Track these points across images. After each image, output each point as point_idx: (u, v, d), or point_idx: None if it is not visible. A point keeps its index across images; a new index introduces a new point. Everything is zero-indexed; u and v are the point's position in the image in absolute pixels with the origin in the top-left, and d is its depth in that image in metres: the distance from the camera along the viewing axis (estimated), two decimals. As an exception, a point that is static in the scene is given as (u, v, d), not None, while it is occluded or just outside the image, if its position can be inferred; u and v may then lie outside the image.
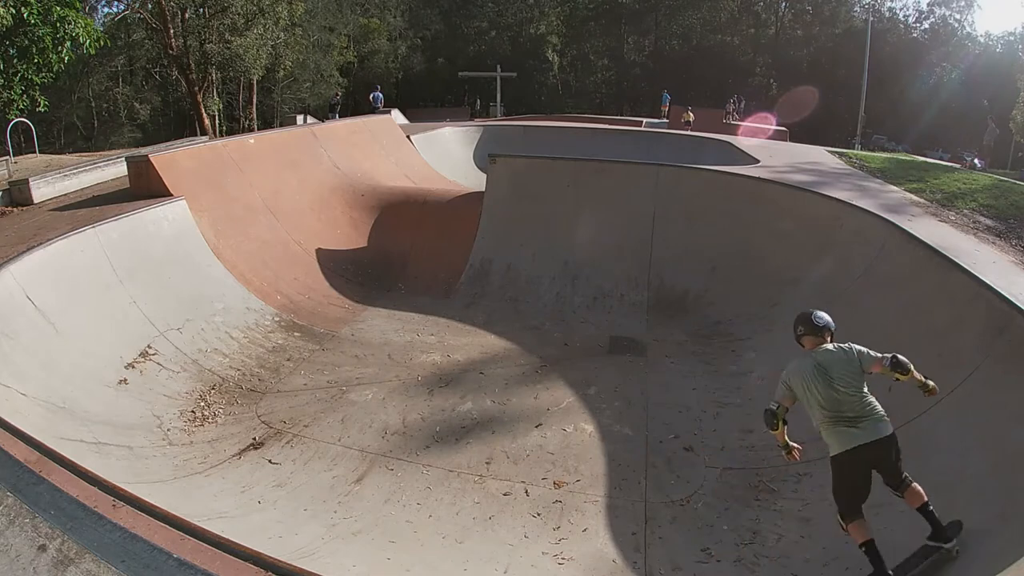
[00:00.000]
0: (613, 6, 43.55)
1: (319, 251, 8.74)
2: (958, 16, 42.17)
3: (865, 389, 3.30)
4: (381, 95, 21.87)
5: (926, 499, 3.19)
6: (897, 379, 3.31)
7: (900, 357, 3.27)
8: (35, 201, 8.29)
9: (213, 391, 5.65)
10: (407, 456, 4.85)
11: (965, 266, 5.04)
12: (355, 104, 33.83)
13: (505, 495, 4.42)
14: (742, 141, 13.88)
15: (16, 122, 12.33)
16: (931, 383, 3.36)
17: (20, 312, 5.05)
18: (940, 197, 7.73)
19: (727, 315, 7.23)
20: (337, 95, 24.33)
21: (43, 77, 11.70)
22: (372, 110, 20.28)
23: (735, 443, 5.04)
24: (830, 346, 3.45)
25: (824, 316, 3.55)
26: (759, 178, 8.52)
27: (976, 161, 24.43)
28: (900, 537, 3.62)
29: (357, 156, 11.40)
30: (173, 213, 7.33)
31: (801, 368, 3.40)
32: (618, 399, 5.72)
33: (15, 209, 8.07)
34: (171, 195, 7.55)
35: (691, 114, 24.58)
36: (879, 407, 3.27)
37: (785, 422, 3.47)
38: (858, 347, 3.38)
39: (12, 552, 2.32)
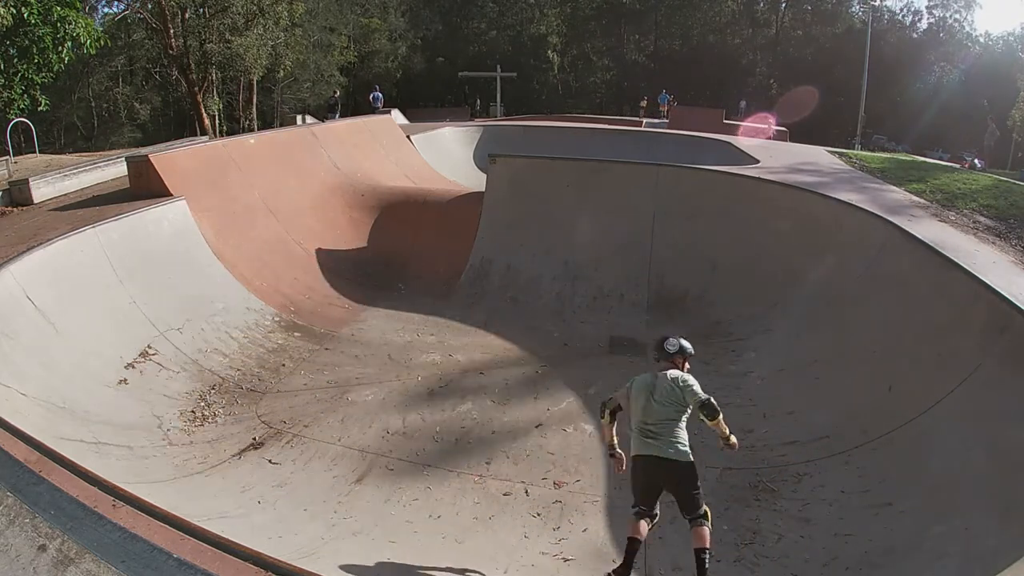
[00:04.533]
0: (613, 6, 43.52)
1: (319, 251, 8.74)
2: (958, 16, 42.20)
3: (681, 421, 3.44)
4: (381, 95, 21.85)
5: (706, 546, 3.23)
6: (702, 420, 3.40)
7: (712, 401, 3.37)
8: (35, 201, 8.29)
9: (213, 391, 5.65)
10: (407, 456, 4.85)
11: (965, 266, 5.05)
12: (355, 104, 33.80)
13: (505, 495, 4.41)
14: (742, 141, 13.87)
15: (16, 122, 12.34)
16: (733, 439, 3.46)
17: (20, 312, 5.05)
18: (940, 197, 7.73)
19: (727, 315, 7.22)
20: (335, 94, 24.26)
21: (43, 77, 11.70)
22: (372, 110, 20.28)
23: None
24: (670, 373, 3.58)
25: (676, 343, 3.70)
26: (759, 178, 8.52)
27: (976, 161, 24.43)
28: (899, 538, 3.62)
29: (357, 156, 11.40)
30: (173, 213, 7.33)
31: (640, 382, 3.59)
32: (618, 399, 5.71)
33: (15, 209, 8.07)
34: (171, 195, 7.55)
35: (644, 102, 28.08)
36: (684, 439, 3.41)
37: (613, 420, 3.62)
38: (690, 384, 3.48)
39: (12, 552, 2.32)
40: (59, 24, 11.01)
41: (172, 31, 21.10)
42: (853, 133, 31.55)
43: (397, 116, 17.36)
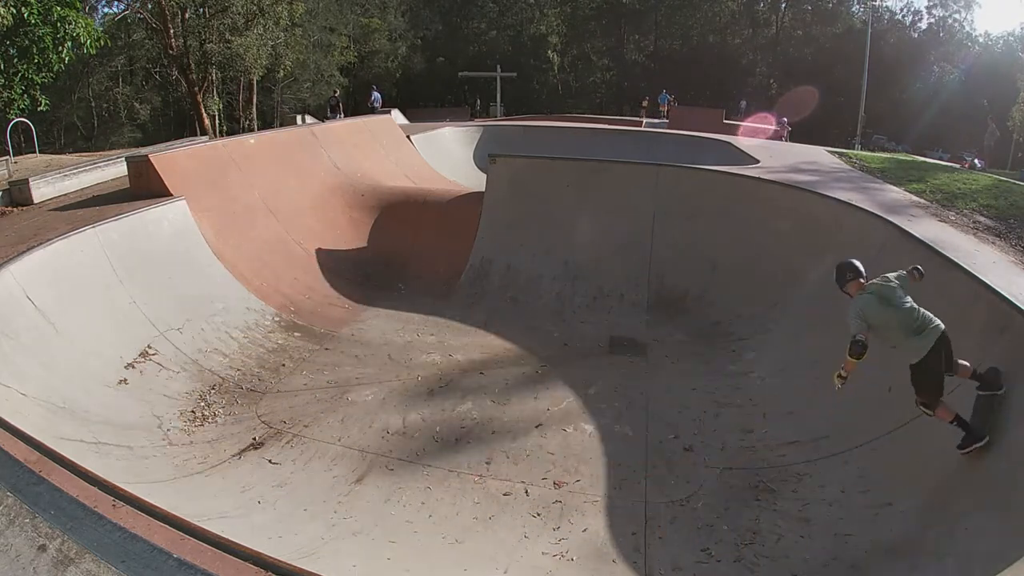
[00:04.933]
0: (613, 6, 43.53)
1: (319, 251, 8.74)
2: (958, 16, 42.23)
3: (913, 302, 3.91)
4: (379, 95, 21.77)
5: (973, 368, 3.87)
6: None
7: (918, 266, 4.03)
8: (35, 201, 8.29)
9: (213, 391, 5.65)
10: (407, 456, 4.85)
11: (965, 266, 5.04)
12: (355, 104, 33.84)
13: (505, 495, 4.41)
14: (742, 141, 13.88)
15: (16, 122, 12.33)
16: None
17: (20, 312, 5.05)
18: (940, 197, 7.73)
19: (727, 315, 7.23)
20: (335, 94, 24.25)
21: (43, 77, 11.71)
22: (371, 110, 20.23)
23: (735, 443, 5.04)
24: (877, 280, 4.01)
25: (859, 263, 4.19)
26: (759, 178, 8.52)
27: (976, 161, 24.45)
28: (899, 538, 3.62)
29: (357, 156, 11.40)
30: (173, 213, 7.33)
31: (868, 304, 3.89)
32: (618, 399, 5.72)
33: (15, 209, 8.07)
34: (171, 195, 7.55)
35: (646, 102, 29.53)
36: (929, 313, 3.85)
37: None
38: (895, 273, 4.03)
39: (12, 552, 2.32)
40: (59, 24, 11.02)
41: (172, 31, 21.12)
42: (853, 133, 31.57)
43: (397, 116, 17.36)
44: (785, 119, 21.39)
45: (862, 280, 4.04)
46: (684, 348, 6.84)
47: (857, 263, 4.12)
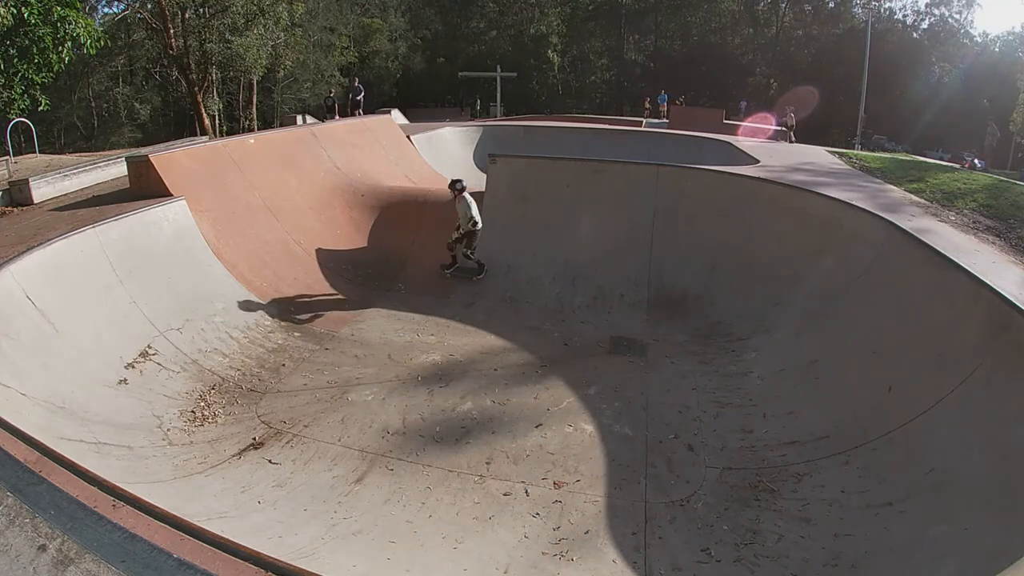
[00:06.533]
0: (613, 6, 43.60)
1: (319, 251, 8.74)
2: (957, 16, 42.27)
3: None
4: (361, 87, 21.25)
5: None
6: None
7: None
8: (35, 201, 8.29)
9: (213, 391, 5.65)
10: (407, 456, 4.85)
11: (965, 266, 5.04)
12: (356, 104, 33.85)
13: (505, 495, 4.42)
14: (742, 141, 13.88)
15: (16, 122, 12.32)
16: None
17: (20, 312, 5.05)
18: (939, 197, 7.74)
19: (727, 315, 7.23)
20: (331, 93, 24.09)
21: (43, 77, 11.71)
22: (356, 104, 19.72)
23: (735, 443, 5.04)
24: (468, 194, 8.05)
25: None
26: (759, 178, 8.52)
27: (976, 161, 24.43)
28: (899, 538, 3.62)
29: (357, 156, 11.41)
30: (173, 213, 7.33)
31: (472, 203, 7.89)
32: (618, 399, 5.72)
33: (15, 209, 8.07)
34: (171, 195, 7.55)
35: (648, 103, 30.88)
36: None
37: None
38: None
39: (12, 552, 2.32)
40: (59, 24, 11.02)
41: (172, 31, 21.13)
42: (853, 133, 31.58)
43: (397, 116, 17.34)
44: (792, 110, 21.05)
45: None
46: (684, 348, 6.84)
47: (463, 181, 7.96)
